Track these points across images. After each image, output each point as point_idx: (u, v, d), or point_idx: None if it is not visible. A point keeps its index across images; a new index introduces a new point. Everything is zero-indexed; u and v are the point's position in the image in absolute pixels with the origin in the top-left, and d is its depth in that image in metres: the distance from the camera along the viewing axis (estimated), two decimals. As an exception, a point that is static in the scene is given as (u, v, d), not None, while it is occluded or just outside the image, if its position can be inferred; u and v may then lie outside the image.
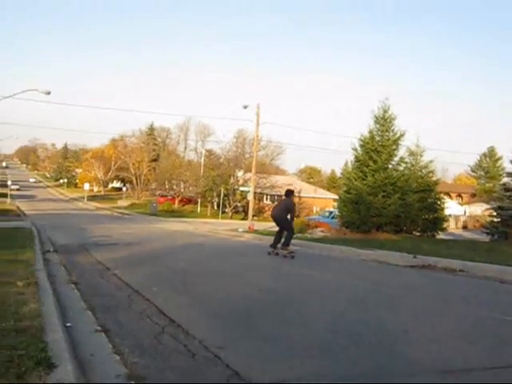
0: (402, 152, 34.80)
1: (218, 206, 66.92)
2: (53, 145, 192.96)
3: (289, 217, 18.50)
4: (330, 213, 47.71)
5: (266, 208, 71.90)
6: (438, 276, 14.62)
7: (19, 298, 7.46)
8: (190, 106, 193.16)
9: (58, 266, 13.31)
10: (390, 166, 34.01)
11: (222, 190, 64.51)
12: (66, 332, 6.20)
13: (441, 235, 35.14)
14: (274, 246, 18.64)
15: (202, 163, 78.53)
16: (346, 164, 55.24)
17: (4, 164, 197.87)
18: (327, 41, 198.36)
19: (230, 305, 9.36)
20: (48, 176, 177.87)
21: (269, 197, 72.44)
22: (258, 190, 61.28)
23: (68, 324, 6.72)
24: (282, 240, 18.51)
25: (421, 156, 35.65)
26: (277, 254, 18.29)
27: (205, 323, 7.76)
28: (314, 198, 73.81)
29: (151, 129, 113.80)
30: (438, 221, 34.68)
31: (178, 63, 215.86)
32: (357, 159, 34.92)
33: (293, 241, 18.91)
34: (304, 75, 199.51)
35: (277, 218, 18.86)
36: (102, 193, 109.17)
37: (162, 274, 12.91)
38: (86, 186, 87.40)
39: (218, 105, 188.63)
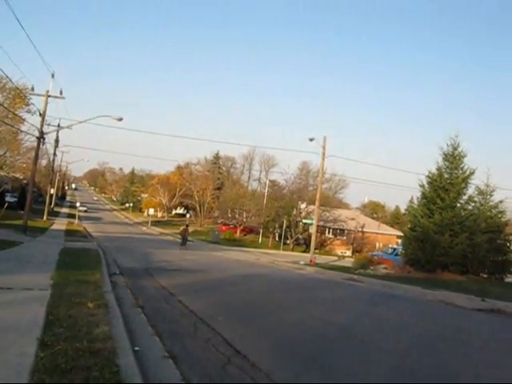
0: (470, 191, 34.01)
1: (280, 237, 66.84)
2: (120, 169, 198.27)
3: None
4: (394, 249, 46.82)
5: (328, 242, 71.39)
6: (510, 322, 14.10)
7: (91, 320, 7.64)
8: (255, 137, 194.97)
9: (125, 289, 13.54)
10: (458, 205, 33.24)
11: (285, 221, 64.48)
12: (136, 356, 6.28)
13: (510, 279, 33.89)
14: None
15: (266, 194, 78.84)
16: (411, 200, 54.40)
17: (73, 186, 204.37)
18: (391, 78, 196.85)
19: (295, 337, 9.30)
20: (114, 199, 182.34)
21: (331, 230, 71.93)
22: (321, 223, 60.97)
23: (136, 348, 6.81)
24: None
25: (490, 195, 34.59)
26: None
27: (270, 355, 7.71)
28: (376, 233, 72.85)
29: (216, 157, 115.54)
30: (507, 263, 33.43)
31: (245, 93, 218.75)
32: (424, 196, 34.31)
33: (355, 276, 18.71)
34: (369, 111, 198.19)
35: None
36: (166, 218, 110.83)
37: (225, 304, 12.95)
38: (151, 211, 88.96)
39: (282, 136, 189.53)
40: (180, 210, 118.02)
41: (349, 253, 67.21)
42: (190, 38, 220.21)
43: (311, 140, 41.93)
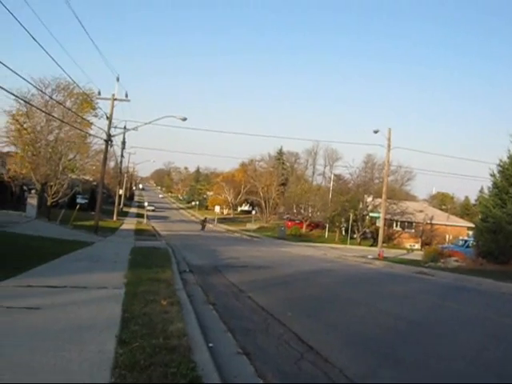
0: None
1: (346, 231, 66.25)
2: (186, 168, 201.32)
3: None
4: (465, 241, 45.58)
5: (396, 235, 70.26)
6: None
7: (165, 317, 7.81)
8: (319, 131, 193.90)
9: (195, 286, 13.76)
10: (532, 194, 32.05)
11: (351, 215, 63.83)
12: (210, 353, 6.39)
13: None
14: None
15: (331, 188, 78.32)
16: (481, 190, 52.74)
17: (141, 186, 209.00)
18: (458, 65, 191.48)
19: (366, 333, 9.23)
20: (181, 198, 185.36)
21: (399, 223, 70.76)
22: (388, 216, 59.98)
23: (211, 344, 6.91)
24: None
25: None
26: None
27: (343, 351, 7.69)
28: (446, 225, 71.06)
29: (280, 153, 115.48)
30: None
31: (307, 88, 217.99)
32: (495, 186, 33.22)
33: (425, 269, 18.32)
34: (435, 99, 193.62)
35: None
36: (232, 215, 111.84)
37: (295, 299, 12.97)
38: (217, 209, 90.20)
39: (346, 129, 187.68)
40: (245, 207, 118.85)
41: (418, 246, 65.87)
42: (252, 39, 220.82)
43: (376, 132, 41.33)
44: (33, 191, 44.47)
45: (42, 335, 6.50)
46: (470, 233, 55.66)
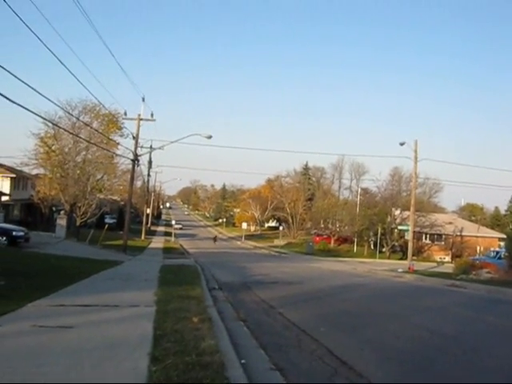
0: None
1: (375, 245, 65.85)
2: (212, 186, 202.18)
3: None
4: (497, 253, 44.81)
5: (426, 248, 69.50)
6: None
7: (196, 334, 7.81)
8: (344, 145, 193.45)
9: (225, 303, 13.75)
10: None
11: (379, 228, 63.41)
12: (243, 369, 6.36)
13: None
14: None
15: (358, 202, 77.97)
16: (511, 200, 51.96)
17: (168, 205, 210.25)
18: (484, 74, 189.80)
19: (401, 347, 9.11)
20: (207, 216, 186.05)
21: (428, 236, 70.04)
22: (417, 229, 59.39)
23: (243, 361, 6.88)
24: None
25: None
26: None
27: (377, 366, 7.59)
28: (476, 237, 70.08)
29: (306, 168, 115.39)
30: None
31: (331, 102, 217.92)
32: (526, 195, 32.76)
33: (457, 282, 18.10)
34: (462, 109, 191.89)
35: None
36: (259, 232, 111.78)
37: (326, 315, 12.88)
38: (244, 225, 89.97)
39: (371, 142, 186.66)
40: (272, 223, 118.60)
41: (448, 258, 65.06)
42: (277, 53, 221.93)
43: (402, 144, 41.14)
44: (62, 212, 45.14)
45: (76, 353, 6.54)
46: (502, 244, 54.77)
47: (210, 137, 37.94)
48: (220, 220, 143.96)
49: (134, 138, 37.82)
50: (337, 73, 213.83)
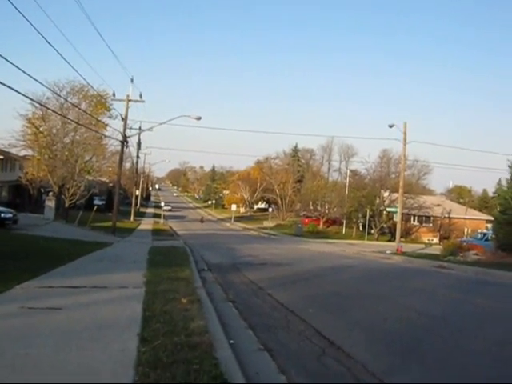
0: None
1: (364, 227, 66.01)
2: (201, 167, 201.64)
3: None
4: (484, 235, 45.18)
5: (414, 229, 69.87)
6: None
7: (186, 315, 7.84)
8: (333, 127, 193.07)
9: (214, 284, 13.80)
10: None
11: (368, 210, 63.59)
12: (232, 349, 6.39)
13: None
14: None
15: (347, 184, 78.04)
16: (499, 183, 52.33)
17: (157, 186, 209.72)
18: (470, 56, 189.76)
19: (388, 329, 9.19)
20: (197, 197, 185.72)
21: (416, 218, 70.37)
22: (406, 211, 59.59)
23: (232, 341, 6.91)
24: None
25: None
26: None
27: (365, 347, 7.66)
28: (464, 219, 70.48)
29: (295, 150, 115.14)
30: None
31: (320, 84, 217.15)
32: (514, 177, 32.97)
33: (445, 263, 18.28)
34: (451, 91, 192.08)
35: None
36: (248, 214, 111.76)
37: (315, 296, 12.95)
38: (233, 207, 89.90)
39: (361, 125, 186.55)
40: (262, 205, 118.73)
41: (436, 240, 65.45)
42: (263, 37, 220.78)
43: (391, 126, 41.08)
44: (50, 194, 44.86)
45: (65, 335, 6.56)
46: (489, 226, 55.16)
47: (199, 118, 37.76)
48: (209, 202, 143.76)
49: (122, 119, 37.54)
50: (327, 56, 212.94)
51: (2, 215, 27.49)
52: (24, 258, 14.85)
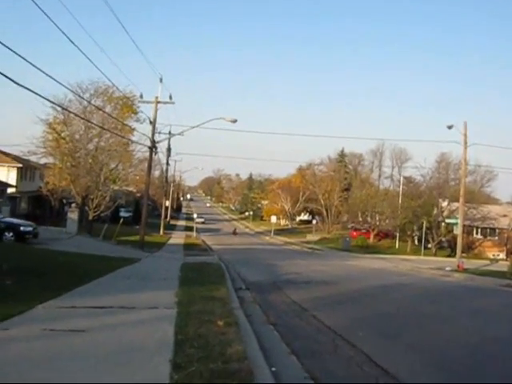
0: None
1: (420, 240, 65.29)
2: (237, 175, 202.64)
3: None
4: (559, 249, 44.21)
5: (477, 243, 68.74)
6: None
7: (222, 339, 7.83)
8: (384, 129, 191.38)
9: (253, 304, 13.78)
10: None
11: (424, 222, 62.82)
12: (274, 377, 6.36)
13: None
14: None
15: (400, 192, 77.31)
16: None
17: (188, 196, 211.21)
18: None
19: (449, 354, 9.04)
20: (232, 208, 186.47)
21: (480, 230, 69.25)
22: (467, 222, 58.75)
23: (273, 369, 6.88)
24: None
25: None
26: None
27: (423, 375, 7.54)
28: (536, 231, 69.13)
29: (341, 155, 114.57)
30: None
31: (368, 83, 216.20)
32: None
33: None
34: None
35: None
36: (290, 226, 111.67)
37: (365, 318, 12.84)
38: (273, 219, 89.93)
39: (415, 126, 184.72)
40: (305, 216, 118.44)
41: (502, 255, 64.27)
42: (308, 33, 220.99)
43: (450, 127, 40.53)
44: (73, 205, 45.55)
45: (89, 359, 6.61)
46: None
47: (234, 121, 37.83)
48: (246, 213, 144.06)
49: (151, 122, 37.92)
50: (376, 52, 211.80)
51: (22, 228, 28.05)
52: (45, 274, 15.10)
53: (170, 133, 51.39)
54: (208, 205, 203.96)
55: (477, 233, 69.48)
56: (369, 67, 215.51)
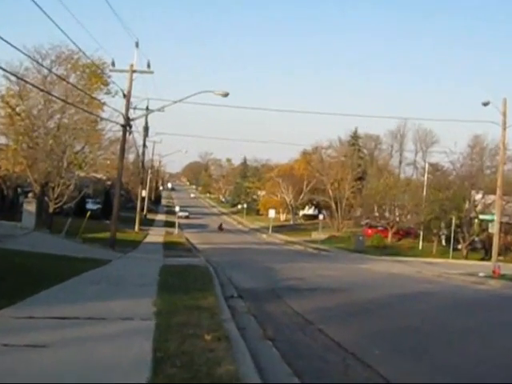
0: None
1: (448, 240, 65.43)
2: (228, 160, 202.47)
3: None
4: None
5: (517, 244, 68.92)
6: None
7: (210, 356, 7.85)
8: (406, 107, 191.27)
9: (247, 315, 13.81)
10: None
11: (454, 219, 62.89)
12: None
13: None
14: None
15: (425, 182, 77.35)
16: None
17: (169, 185, 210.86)
18: None
19: (484, 376, 9.09)
20: (223, 200, 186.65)
21: (520, 228, 69.47)
22: (505, 219, 58.84)
23: (272, 393, 6.92)
24: None
25: None
26: None
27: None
28: None
29: (355, 137, 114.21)
30: None
31: (387, 54, 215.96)
32: None
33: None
34: None
35: None
36: (291, 222, 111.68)
37: (382, 332, 12.90)
38: (271, 213, 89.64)
39: (443, 103, 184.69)
40: (309, 211, 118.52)
41: (548, 259, 64.56)
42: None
43: (485, 105, 40.45)
44: (30, 195, 45.31)
45: (49, 380, 6.61)
46: None
47: (226, 95, 37.62)
48: (239, 206, 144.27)
49: (124, 96, 37.73)
50: (397, 19, 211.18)
51: (-33, 223, 28.00)
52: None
53: (147, 108, 51.42)
54: (193, 195, 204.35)
55: (517, 232, 69.70)
56: (386, 31, 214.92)
